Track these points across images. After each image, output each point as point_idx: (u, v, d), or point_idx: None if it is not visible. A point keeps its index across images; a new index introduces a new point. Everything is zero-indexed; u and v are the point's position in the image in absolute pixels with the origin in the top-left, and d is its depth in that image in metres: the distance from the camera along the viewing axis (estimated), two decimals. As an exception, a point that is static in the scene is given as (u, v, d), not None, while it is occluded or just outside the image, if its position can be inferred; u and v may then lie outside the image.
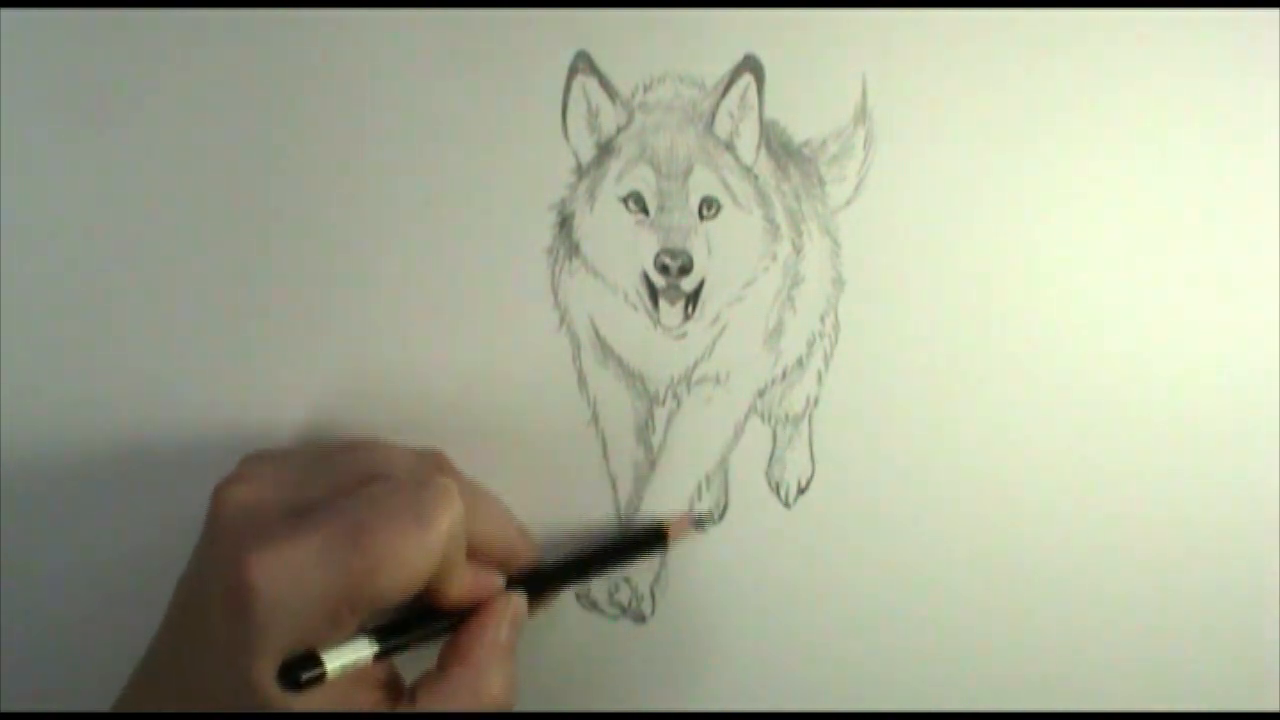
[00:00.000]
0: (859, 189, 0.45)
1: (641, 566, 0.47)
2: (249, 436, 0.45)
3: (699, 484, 0.47)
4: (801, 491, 0.47)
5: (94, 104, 0.44)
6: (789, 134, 0.45)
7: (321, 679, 0.37)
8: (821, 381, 0.46)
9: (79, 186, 0.44)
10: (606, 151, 0.44)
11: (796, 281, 0.45)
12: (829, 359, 0.46)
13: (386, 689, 0.40)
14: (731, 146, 0.44)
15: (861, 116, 0.44)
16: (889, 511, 0.47)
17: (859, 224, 0.45)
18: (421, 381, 0.45)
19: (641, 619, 0.47)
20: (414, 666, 0.41)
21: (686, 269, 0.45)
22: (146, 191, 0.45)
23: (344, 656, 0.38)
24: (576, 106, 0.44)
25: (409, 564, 0.38)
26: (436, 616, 0.41)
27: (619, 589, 0.47)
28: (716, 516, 0.47)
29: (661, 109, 0.44)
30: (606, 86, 0.44)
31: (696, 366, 0.46)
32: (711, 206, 0.45)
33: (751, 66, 0.44)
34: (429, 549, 0.38)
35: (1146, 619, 0.47)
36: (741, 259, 0.45)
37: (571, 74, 0.44)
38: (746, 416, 0.46)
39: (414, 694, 0.40)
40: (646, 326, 0.45)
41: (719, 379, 0.46)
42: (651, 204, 0.45)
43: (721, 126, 0.44)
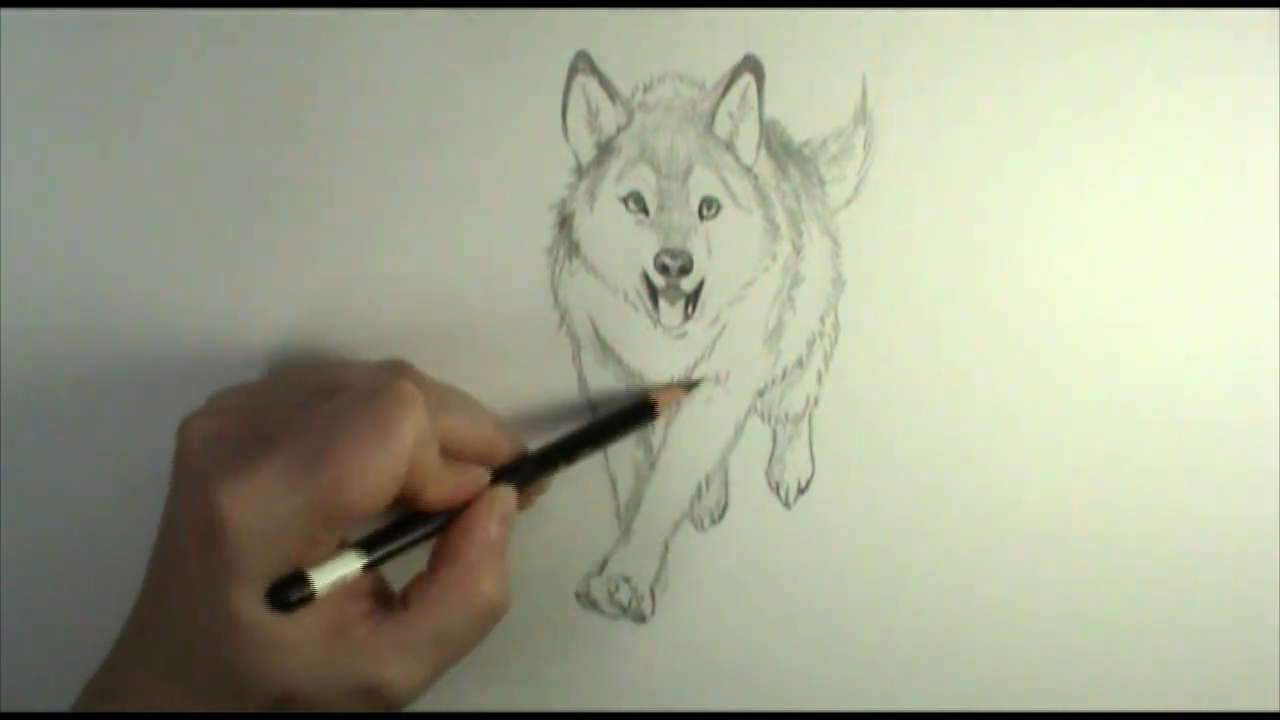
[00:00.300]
0: (859, 189, 0.45)
1: (642, 567, 0.47)
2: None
3: (699, 484, 0.47)
4: (801, 491, 0.47)
5: (94, 103, 0.44)
6: (789, 134, 0.45)
7: (311, 598, 0.37)
8: (821, 381, 0.46)
9: (79, 183, 0.45)
10: (606, 151, 0.44)
11: (796, 281, 0.45)
12: (829, 359, 0.46)
13: (377, 598, 0.39)
14: (731, 146, 0.44)
15: (861, 116, 0.44)
16: (889, 511, 0.47)
17: (859, 224, 0.45)
18: (421, 381, 0.45)
19: (641, 619, 0.47)
20: (410, 572, 0.40)
21: (686, 269, 0.45)
22: (146, 191, 0.45)
23: (331, 573, 0.38)
24: (576, 106, 0.44)
25: (375, 473, 0.37)
26: (424, 520, 0.40)
27: (619, 589, 0.47)
28: (716, 516, 0.47)
29: (661, 109, 0.44)
30: (606, 86, 0.44)
31: (696, 366, 0.46)
32: (711, 206, 0.45)
33: (751, 66, 0.44)
34: (394, 455, 0.37)
35: (1146, 619, 0.47)
36: (741, 259, 0.45)
37: (571, 74, 0.44)
38: (746, 416, 0.46)
39: (405, 598, 0.39)
40: (646, 326, 0.45)
41: (719, 379, 0.46)
42: (651, 204, 0.45)
43: (721, 126, 0.44)
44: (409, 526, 0.40)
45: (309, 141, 0.44)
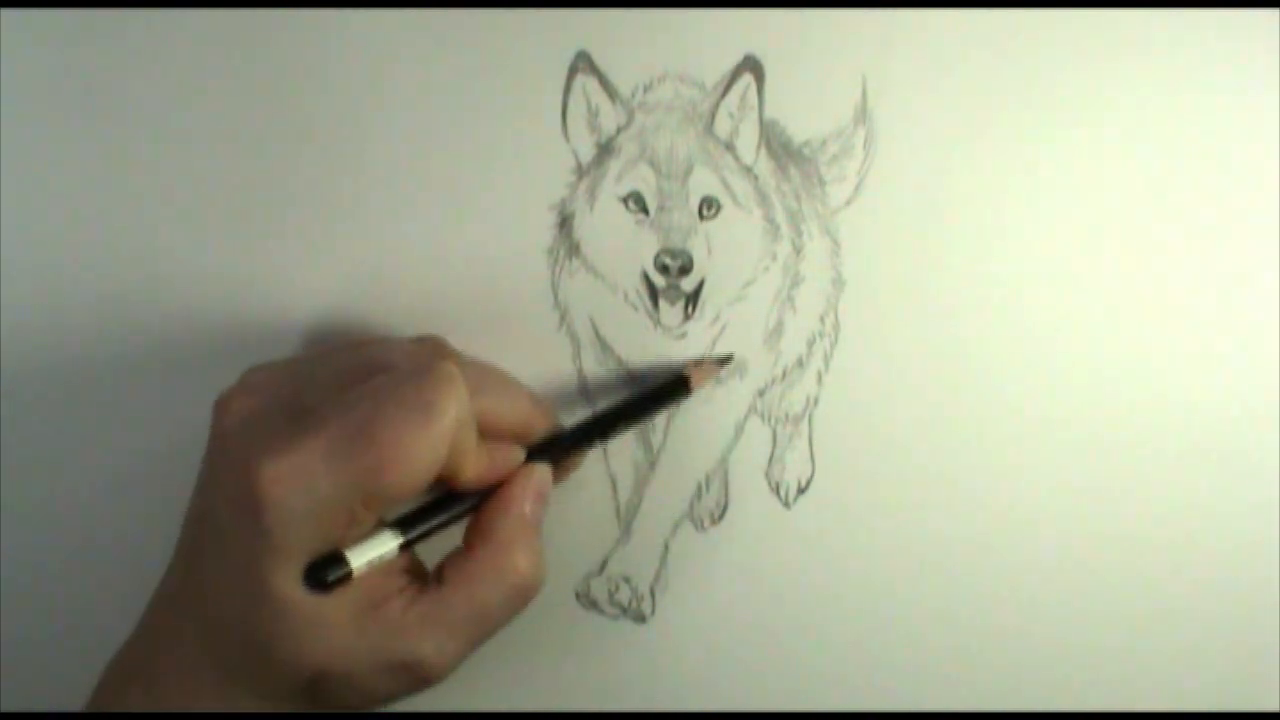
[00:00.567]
0: (859, 189, 0.45)
1: (642, 567, 0.47)
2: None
3: (699, 484, 0.47)
4: (801, 491, 0.47)
5: (94, 103, 0.44)
6: (789, 134, 0.45)
7: (348, 578, 0.37)
8: (821, 381, 0.46)
9: (77, 173, 0.45)
10: (606, 151, 0.44)
11: (796, 281, 0.45)
12: (829, 359, 0.46)
13: (412, 575, 0.39)
14: (731, 146, 0.44)
15: (861, 116, 0.44)
16: (889, 511, 0.47)
17: (859, 224, 0.45)
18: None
19: (641, 619, 0.47)
20: (446, 549, 0.40)
21: (686, 269, 0.45)
22: (143, 193, 0.45)
23: (369, 552, 0.38)
24: (576, 106, 0.44)
25: (417, 455, 0.37)
26: (459, 499, 0.40)
27: (619, 589, 0.47)
28: (716, 516, 0.47)
29: (661, 109, 0.44)
30: (606, 86, 0.44)
31: (696, 366, 0.46)
32: (711, 206, 0.45)
33: (751, 66, 0.44)
34: (436, 437, 0.37)
35: (1146, 618, 0.47)
36: (741, 259, 0.45)
37: (571, 74, 0.44)
38: (746, 416, 0.46)
39: (440, 575, 0.39)
40: (646, 326, 0.45)
41: (719, 379, 0.46)
42: (651, 204, 0.45)
43: (721, 126, 0.44)
44: (445, 505, 0.40)
45: (308, 141, 0.44)
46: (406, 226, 0.45)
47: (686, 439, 0.46)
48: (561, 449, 0.43)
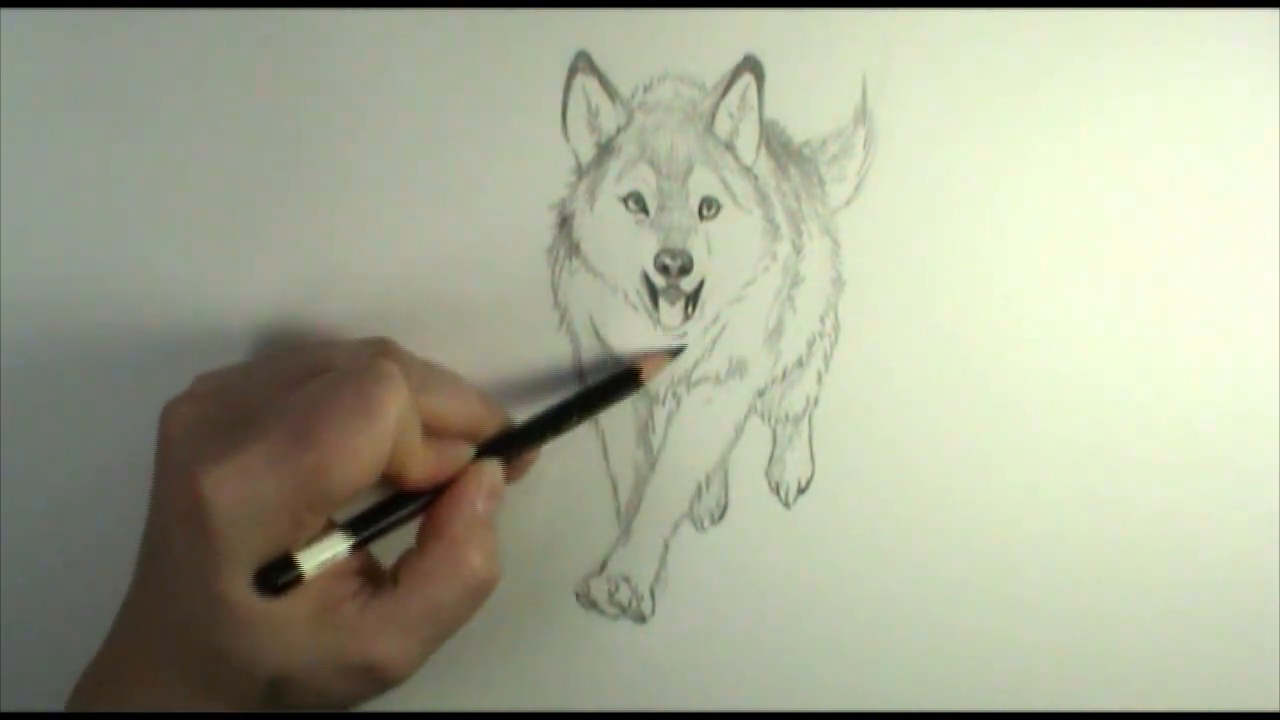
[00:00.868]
0: (859, 189, 0.45)
1: (642, 567, 0.47)
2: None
3: (699, 484, 0.47)
4: (801, 491, 0.47)
5: (94, 103, 0.44)
6: (789, 134, 0.45)
7: (299, 581, 0.37)
8: (821, 381, 0.46)
9: (72, 176, 0.45)
10: (606, 151, 0.44)
11: (796, 281, 0.45)
12: (829, 359, 0.46)
13: (366, 576, 0.39)
14: (731, 146, 0.44)
15: (861, 116, 0.44)
16: (889, 511, 0.47)
17: (859, 224, 0.45)
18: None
19: (641, 619, 0.47)
20: (401, 548, 0.40)
21: (686, 269, 0.45)
22: (142, 194, 0.45)
23: (319, 554, 0.37)
24: (576, 106, 0.44)
25: (359, 454, 0.37)
26: (410, 498, 0.40)
27: (619, 589, 0.47)
28: (716, 516, 0.47)
29: (661, 109, 0.44)
30: (606, 86, 0.44)
31: (696, 366, 0.46)
32: (711, 206, 0.45)
33: (751, 66, 0.44)
34: (378, 436, 0.37)
35: (1146, 619, 0.47)
36: (741, 259, 0.45)
37: (571, 74, 0.44)
38: (746, 416, 0.46)
39: (395, 576, 0.39)
40: (646, 326, 0.45)
41: (719, 379, 0.46)
42: (651, 204, 0.45)
43: (721, 126, 0.44)
44: (396, 505, 0.40)
45: (308, 140, 0.44)
46: (406, 226, 0.45)
47: (686, 439, 0.46)
48: (513, 445, 0.43)
